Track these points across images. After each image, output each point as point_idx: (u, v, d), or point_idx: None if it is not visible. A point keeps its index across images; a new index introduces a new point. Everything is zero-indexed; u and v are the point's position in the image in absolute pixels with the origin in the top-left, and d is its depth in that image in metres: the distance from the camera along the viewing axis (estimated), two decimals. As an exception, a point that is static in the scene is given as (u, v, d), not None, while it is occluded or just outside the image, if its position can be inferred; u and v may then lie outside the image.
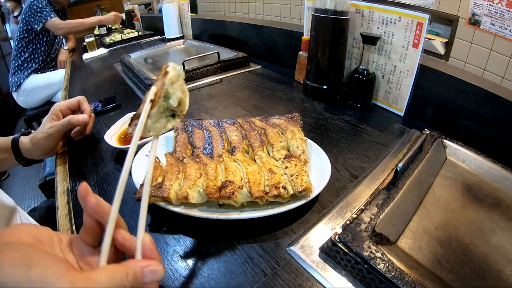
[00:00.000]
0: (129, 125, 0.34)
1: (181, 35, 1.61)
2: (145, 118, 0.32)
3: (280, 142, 0.56)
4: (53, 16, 1.84)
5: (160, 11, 1.95)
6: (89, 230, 0.29)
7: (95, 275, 0.24)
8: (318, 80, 0.84)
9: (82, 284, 0.22)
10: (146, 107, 0.33)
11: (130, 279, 0.25)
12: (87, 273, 0.24)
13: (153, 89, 0.34)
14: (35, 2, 1.80)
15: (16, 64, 1.94)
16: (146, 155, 0.56)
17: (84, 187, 0.27)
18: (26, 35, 1.89)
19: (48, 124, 0.62)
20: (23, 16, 1.84)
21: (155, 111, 0.33)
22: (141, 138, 0.33)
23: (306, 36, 0.93)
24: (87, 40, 1.78)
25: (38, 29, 1.84)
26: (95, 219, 0.28)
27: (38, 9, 1.80)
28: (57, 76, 1.96)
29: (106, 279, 0.24)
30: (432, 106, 0.70)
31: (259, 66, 1.14)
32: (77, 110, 0.68)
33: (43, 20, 1.82)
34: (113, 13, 2.07)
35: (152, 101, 0.33)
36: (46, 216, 0.84)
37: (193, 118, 0.70)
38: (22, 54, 1.93)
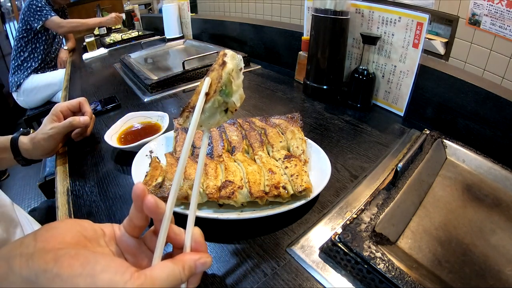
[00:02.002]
0: (180, 116, 0.33)
1: (181, 35, 1.61)
2: (199, 113, 0.31)
3: (280, 142, 0.56)
4: (53, 14, 1.85)
5: (160, 11, 1.95)
6: (136, 224, 0.30)
7: (157, 273, 0.25)
8: (318, 80, 0.84)
9: (148, 285, 0.24)
10: (200, 101, 0.31)
11: (187, 272, 0.28)
12: (149, 273, 0.25)
13: (207, 81, 0.31)
14: (34, 1, 1.80)
15: (15, 64, 1.94)
16: (146, 155, 0.57)
17: (142, 188, 0.28)
18: (25, 34, 1.89)
19: (49, 125, 0.62)
20: (22, 16, 1.84)
21: (209, 106, 0.32)
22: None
23: (306, 36, 0.93)
24: (87, 40, 1.78)
25: (37, 28, 1.83)
26: (145, 215, 0.29)
27: (38, 8, 1.81)
28: (57, 76, 1.95)
29: (166, 275, 0.26)
30: (432, 106, 0.70)
31: (259, 66, 1.14)
32: (77, 111, 0.68)
33: (43, 19, 1.82)
34: (113, 14, 2.06)
35: (207, 94, 0.31)
36: (46, 216, 0.84)
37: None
38: (22, 54, 1.93)
